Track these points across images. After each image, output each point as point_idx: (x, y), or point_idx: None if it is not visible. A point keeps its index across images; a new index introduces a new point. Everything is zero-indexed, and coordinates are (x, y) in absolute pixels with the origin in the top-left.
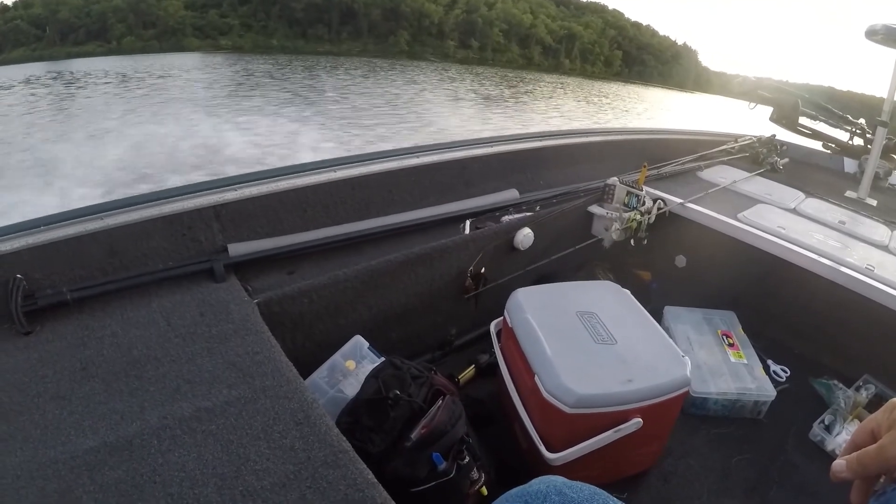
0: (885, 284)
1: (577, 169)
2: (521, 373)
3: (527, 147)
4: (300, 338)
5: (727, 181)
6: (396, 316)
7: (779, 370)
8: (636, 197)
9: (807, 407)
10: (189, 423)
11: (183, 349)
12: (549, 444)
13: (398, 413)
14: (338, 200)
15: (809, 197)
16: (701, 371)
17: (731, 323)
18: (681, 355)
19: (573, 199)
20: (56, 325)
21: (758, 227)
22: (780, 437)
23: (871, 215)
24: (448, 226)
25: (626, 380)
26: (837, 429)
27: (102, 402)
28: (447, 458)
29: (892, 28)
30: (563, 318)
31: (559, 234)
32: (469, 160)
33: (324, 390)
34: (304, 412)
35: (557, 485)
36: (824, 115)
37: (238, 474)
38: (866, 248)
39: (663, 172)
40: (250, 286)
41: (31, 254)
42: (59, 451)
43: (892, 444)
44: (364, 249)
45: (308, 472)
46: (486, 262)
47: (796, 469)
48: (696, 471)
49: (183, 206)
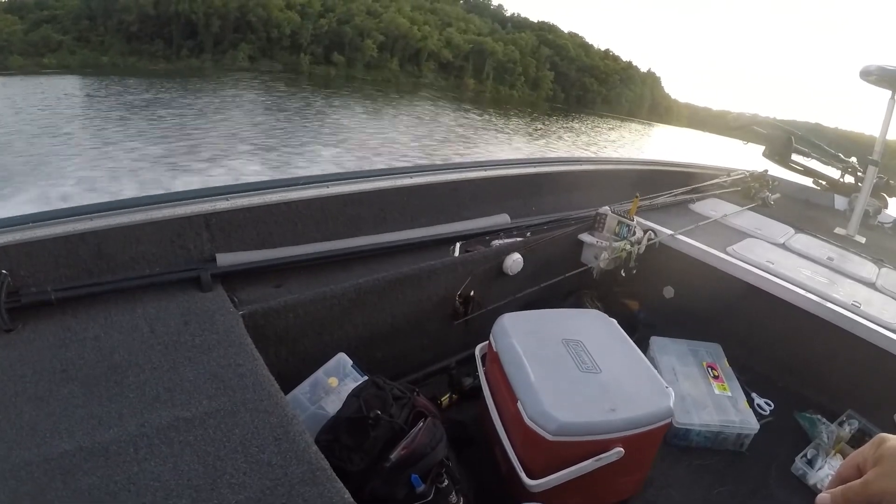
0: (871, 321)
1: (569, 196)
2: (505, 398)
3: (520, 172)
4: (284, 352)
5: (718, 214)
6: (382, 335)
7: (763, 403)
8: (627, 227)
9: (789, 441)
10: (167, 433)
11: (165, 357)
12: (530, 471)
13: (378, 433)
14: (329, 216)
15: (799, 232)
16: (685, 402)
17: (716, 355)
18: (664, 386)
19: (564, 227)
20: (38, 325)
21: (746, 261)
22: (762, 470)
23: (860, 252)
24: (438, 247)
25: (609, 409)
26: (819, 463)
27: (80, 406)
28: (426, 480)
29: (886, 69)
30: (548, 345)
31: (549, 260)
32: (462, 183)
33: (305, 406)
34: (284, 427)
35: None
36: (817, 153)
37: (214, 487)
38: (853, 285)
39: (655, 203)
40: (237, 297)
41: (17, 250)
42: (34, 452)
43: (877, 479)
44: (353, 267)
45: (284, 488)
46: (475, 285)
47: (777, 502)
48: (677, 501)
49: (173, 213)
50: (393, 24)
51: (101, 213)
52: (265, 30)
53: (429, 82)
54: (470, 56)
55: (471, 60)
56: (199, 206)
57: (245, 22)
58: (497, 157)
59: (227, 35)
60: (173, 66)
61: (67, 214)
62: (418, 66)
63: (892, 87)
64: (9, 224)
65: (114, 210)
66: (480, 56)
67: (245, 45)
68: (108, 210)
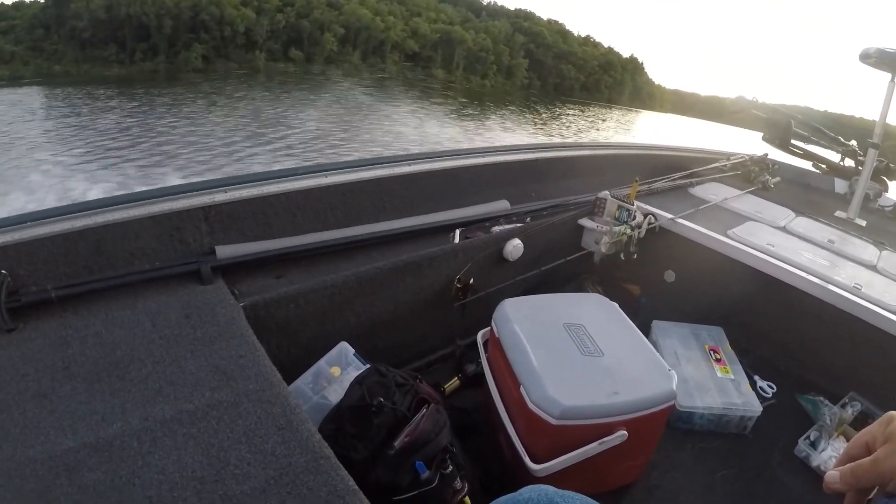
0: (873, 303)
1: (569, 182)
2: (507, 383)
3: (519, 158)
4: (286, 343)
5: (718, 198)
6: (384, 323)
7: (765, 386)
8: (627, 211)
9: (792, 423)
10: (170, 426)
11: (167, 351)
12: (534, 455)
13: (382, 420)
14: (328, 206)
15: (799, 216)
16: (687, 385)
17: (718, 338)
18: (667, 369)
19: (564, 212)
20: (39, 323)
21: (747, 244)
22: (765, 452)
23: (860, 235)
24: (438, 235)
25: (611, 392)
26: (822, 445)
27: (83, 402)
28: (430, 466)
29: (885, 52)
30: (550, 329)
31: (549, 246)
32: (461, 170)
33: (308, 396)
34: (287, 417)
35: (548, 493)
36: (816, 137)
37: (218, 478)
38: (854, 268)
39: (654, 188)
40: (237, 289)
41: (16, 250)
42: (38, 450)
43: (886, 457)
44: (353, 256)
45: (289, 477)
46: (476, 272)
47: (781, 484)
48: (680, 485)
49: (172, 207)
50: (354, 15)
51: (99, 210)
52: (219, 28)
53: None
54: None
55: (439, 51)
56: (197, 198)
57: (199, 21)
58: (496, 144)
59: (181, 36)
60: (127, 71)
61: (65, 212)
62: (382, 59)
63: (892, 69)
64: (7, 224)
65: (112, 206)
66: (450, 45)
67: (198, 46)
68: (106, 206)
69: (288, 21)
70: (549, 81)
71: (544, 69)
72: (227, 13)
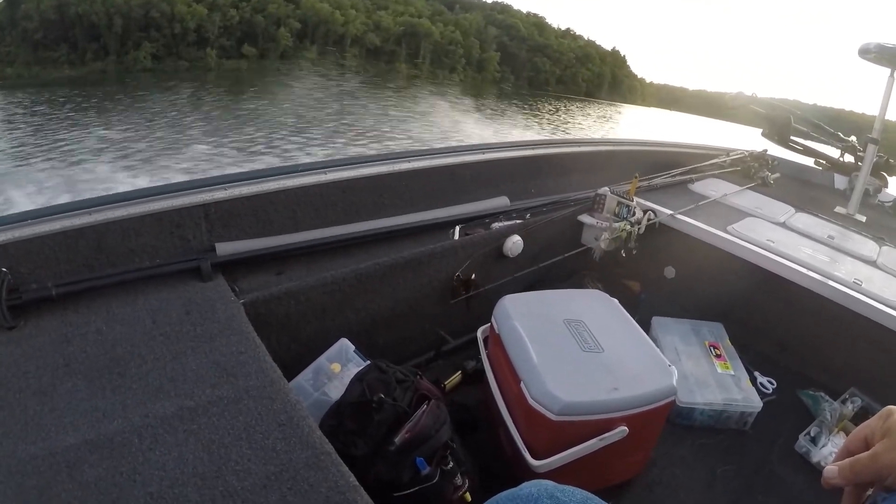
0: (873, 299)
1: (568, 179)
2: (508, 379)
3: (518, 155)
4: (286, 339)
5: (718, 194)
6: (384, 320)
7: (765, 382)
8: (626, 207)
9: (793, 419)
10: (171, 422)
11: (167, 347)
12: (534, 451)
13: (382, 417)
14: (328, 203)
15: (799, 212)
16: (688, 381)
17: (718, 334)
18: (667, 365)
19: (563, 209)
20: (40, 321)
21: (747, 240)
22: (765, 448)
23: (860, 231)
24: (438, 231)
25: (612, 388)
26: (823, 441)
27: (84, 399)
28: (431, 462)
29: (885, 47)
30: (550, 325)
31: (549, 242)
32: (460, 166)
33: (308, 393)
34: (288, 414)
35: (549, 489)
36: (816, 132)
37: (219, 474)
38: (854, 263)
39: (654, 184)
40: (237, 286)
41: (17, 248)
42: (40, 447)
43: (885, 451)
44: (353, 253)
45: (289, 473)
46: (475, 268)
47: (781, 480)
48: (681, 480)
49: (172, 204)
50: (312, 9)
51: (100, 207)
52: (169, 26)
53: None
54: (403, 40)
55: (404, 44)
56: (197, 196)
57: (150, 19)
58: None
59: (131, 34)
60: (77, 72)
61: (66, 210)
62: (342, 54)
63: (892, 64)
64: (7, 222)
65: (112, 203)
66: (415, 39)
67: (147, 44)
68: (106, 203)
69: (242, 17)
70: (523, 75)
71: (517, 62)
72: (177, 10)
